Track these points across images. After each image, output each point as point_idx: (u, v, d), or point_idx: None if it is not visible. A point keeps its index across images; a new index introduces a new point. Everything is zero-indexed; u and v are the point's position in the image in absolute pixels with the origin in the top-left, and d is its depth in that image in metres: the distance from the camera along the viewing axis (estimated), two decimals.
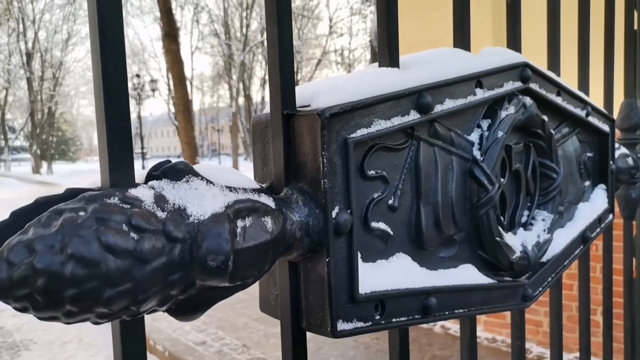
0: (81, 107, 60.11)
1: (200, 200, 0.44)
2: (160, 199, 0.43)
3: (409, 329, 0.72)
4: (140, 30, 72.43)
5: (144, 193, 0.42)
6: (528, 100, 0.84)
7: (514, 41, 0.95)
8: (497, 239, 0.77)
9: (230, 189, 0.48)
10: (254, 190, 0.50)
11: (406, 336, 0.71)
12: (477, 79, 0.75)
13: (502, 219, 0.83)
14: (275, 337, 3.90)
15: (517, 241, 0.83)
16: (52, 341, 4.24)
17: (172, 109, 31.92)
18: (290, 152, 0.57)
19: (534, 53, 1.01)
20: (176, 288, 0.42)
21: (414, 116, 0.66)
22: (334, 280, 0.55)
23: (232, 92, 32.03)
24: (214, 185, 0.46)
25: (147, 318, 0.48)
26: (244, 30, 31.41)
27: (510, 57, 0.83)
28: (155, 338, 4.21)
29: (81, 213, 0.38)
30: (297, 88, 0.60)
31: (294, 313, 0.57)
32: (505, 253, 0.78)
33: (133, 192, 0.42)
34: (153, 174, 0.45)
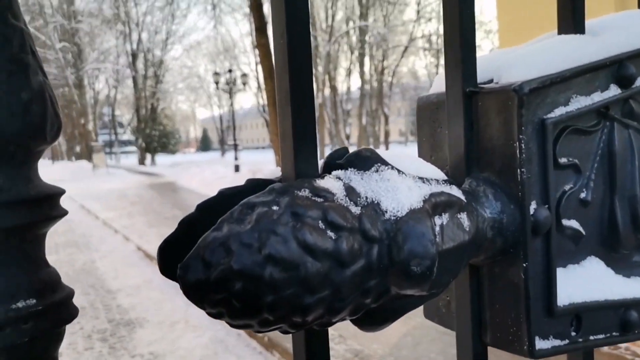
0: (179, 102, 64.65)
1: (394, 193, 0.37)
2: (351, 192, 0.37)
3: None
4: (232, 26, 75.88)
5: (333, 184, 0.37)
6: None
7: None
8: None
9: (422, 179, 0.40)
10: (445, 182, 0.43)
11: (591, 357, 0.60)
12: None
13: None
14: None
15: None
16: (162, 321, 4.57)
17: (262, 102, 33.11)
18: (471, 136, 0.48)
19: None
20: (370, 296, 0.36)
21: (614, 91, 0.54)
22: (532, 288, 0.46)
23: (318, 84, 32.43)
24: (405, 175, 0.39)
25: None
26: (329, 21, 31.52)
27: None
28: None
29: (275, 207, 0.33)
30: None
31: (475, 325, 0.49)
32: None
33: (321, 183, 0.37)
34: (336, 163, 0.40)
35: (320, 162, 0.41)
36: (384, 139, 38.24)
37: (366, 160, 0.39)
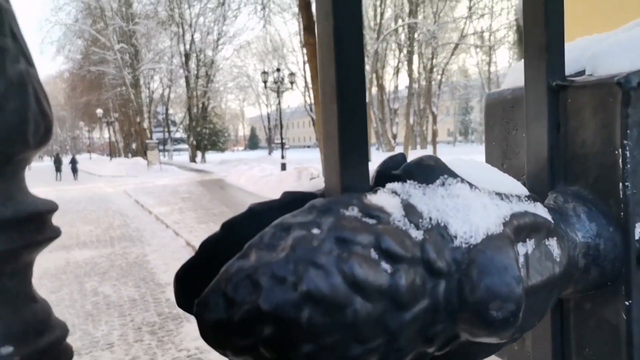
0: (229, 101, 66.28)
1: (466, 213, 0.30)
2: (411, 211, 0.29)
3: None
4: (280, 26, 76.87)
5: (388, 201, 0.29)
6: None
7: None
8: None
9: (500, 195, 0.32)
10: (528, 198, 0.34)
11: None
12: None
13: None
14: None
15: None
16: None
17: (309, 101, 33.29)
18: (557, 140, 0.39)
19: None
20: (435, 344, 0.29)
21: None
22: (636, 332, 0.36)
23: (366, 82, 32.15)
24: (479, 190, 0.32)
25: None
26: (378, 19, 31.18)
27: None
28: None
29: (315, 230, 0.27)
30: None
31: None
32: None
33: (373, 199, 0.29)
34: (392, 174, 0.32)
35: (372, 172, 0.34)
36: (432, 138, 37.39)
37: (429, 171, 0.31)
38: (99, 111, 36.80)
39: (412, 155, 0.34)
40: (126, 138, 44.81)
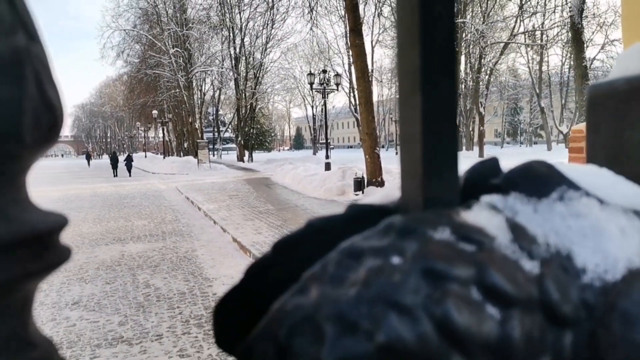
0: (275, 102, 67.34)
1: (598, 239, 0.22)
2: (520, 234, 0.22)
3: None
4: (327, 28, 77.23)
5: (488, 220, 0.22)
6: None
7: None
8: None
9: (637, 213, 0.24)
10: None
11: None
12: None
13: None
14: None
15: None
16: None
17: (353, 102, 33.14)
18: None
19: None
20: None
21: None
22: None
23: (458, 68, 31.62)
24: (611, 207, 0.24)
25: None
26: None
27: None
28: None
29: (395, 259, 0.20)
30: None
31: None
32: None
33: (469, 217, 0.22)
34: (487, 183, 0.25)
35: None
36: (478, 139, 36.23)
37: (541, 180, 0.24)
38: (154, 112, 38.40)
39: (460, 157, 0.27)
40: (179, 137, 46.48)
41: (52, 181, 24.36)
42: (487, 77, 37.55)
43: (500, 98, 51.95)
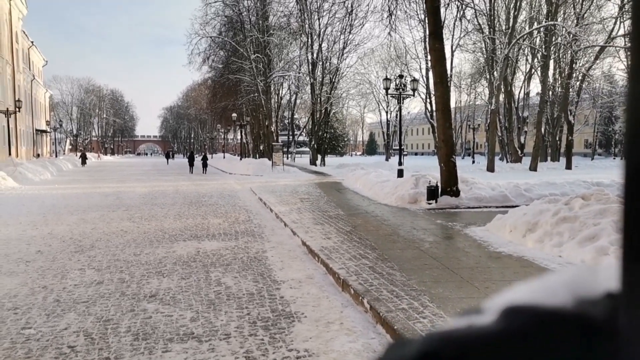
0: (350, 107, 67.62)
1: None
2: None
3: None
4: (405, 33, 76.24)
5: None
6: None
7: None
8: None
9: None
10: None
11: None
12: None
13: None
14: None
15: None
16: (319, 318, 4.62)
17: (429, 107, 32.36)
18: None
19: None
20: None
21: None
22: None
23: (492, 89, 30.24)
24: None
25: None
26: (511, 22, 29.06)
27: None
28: None
29: None
30: None
31: None
32: None
33: None
34: None
35: None
36: (565, 149, 33.76)
37: None
38: (234, 115, 40.19)
39: (543, 168, 0.22)
40: (255, 140, 48.30)
41: (139, 178, 26.33)
42: (578, 83, 34.99)
43: (592, 106, 48.08)
